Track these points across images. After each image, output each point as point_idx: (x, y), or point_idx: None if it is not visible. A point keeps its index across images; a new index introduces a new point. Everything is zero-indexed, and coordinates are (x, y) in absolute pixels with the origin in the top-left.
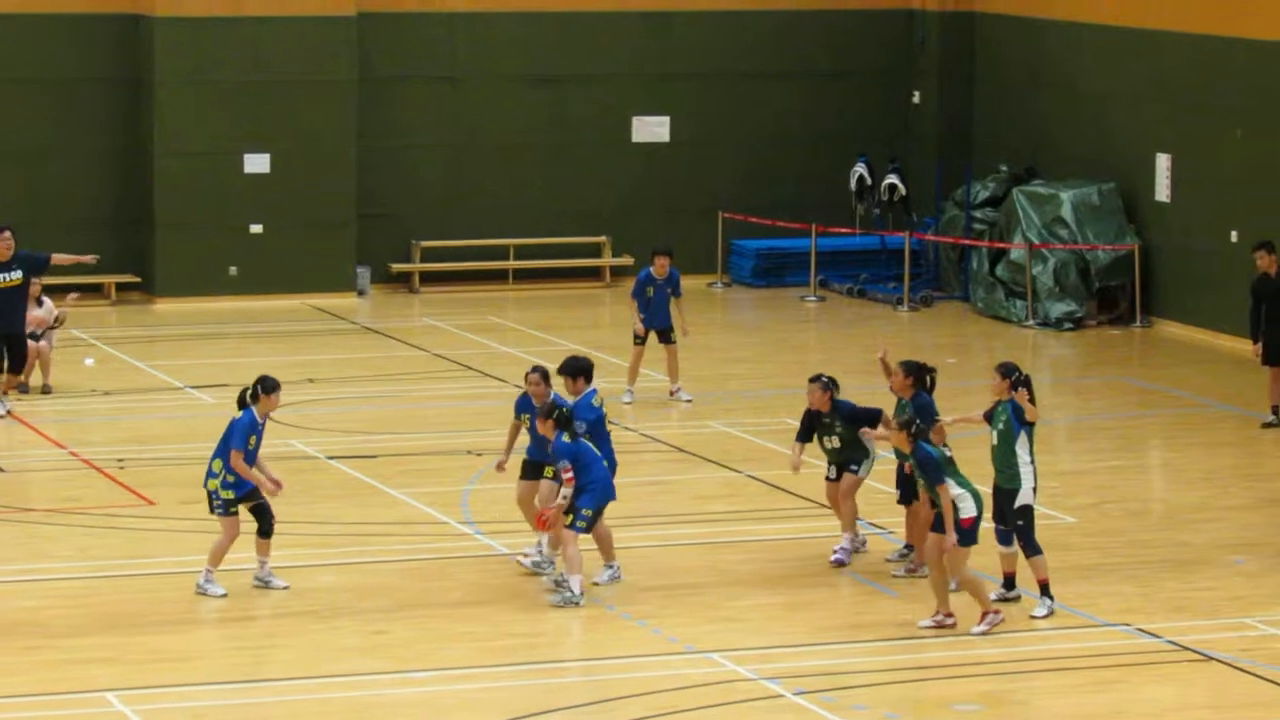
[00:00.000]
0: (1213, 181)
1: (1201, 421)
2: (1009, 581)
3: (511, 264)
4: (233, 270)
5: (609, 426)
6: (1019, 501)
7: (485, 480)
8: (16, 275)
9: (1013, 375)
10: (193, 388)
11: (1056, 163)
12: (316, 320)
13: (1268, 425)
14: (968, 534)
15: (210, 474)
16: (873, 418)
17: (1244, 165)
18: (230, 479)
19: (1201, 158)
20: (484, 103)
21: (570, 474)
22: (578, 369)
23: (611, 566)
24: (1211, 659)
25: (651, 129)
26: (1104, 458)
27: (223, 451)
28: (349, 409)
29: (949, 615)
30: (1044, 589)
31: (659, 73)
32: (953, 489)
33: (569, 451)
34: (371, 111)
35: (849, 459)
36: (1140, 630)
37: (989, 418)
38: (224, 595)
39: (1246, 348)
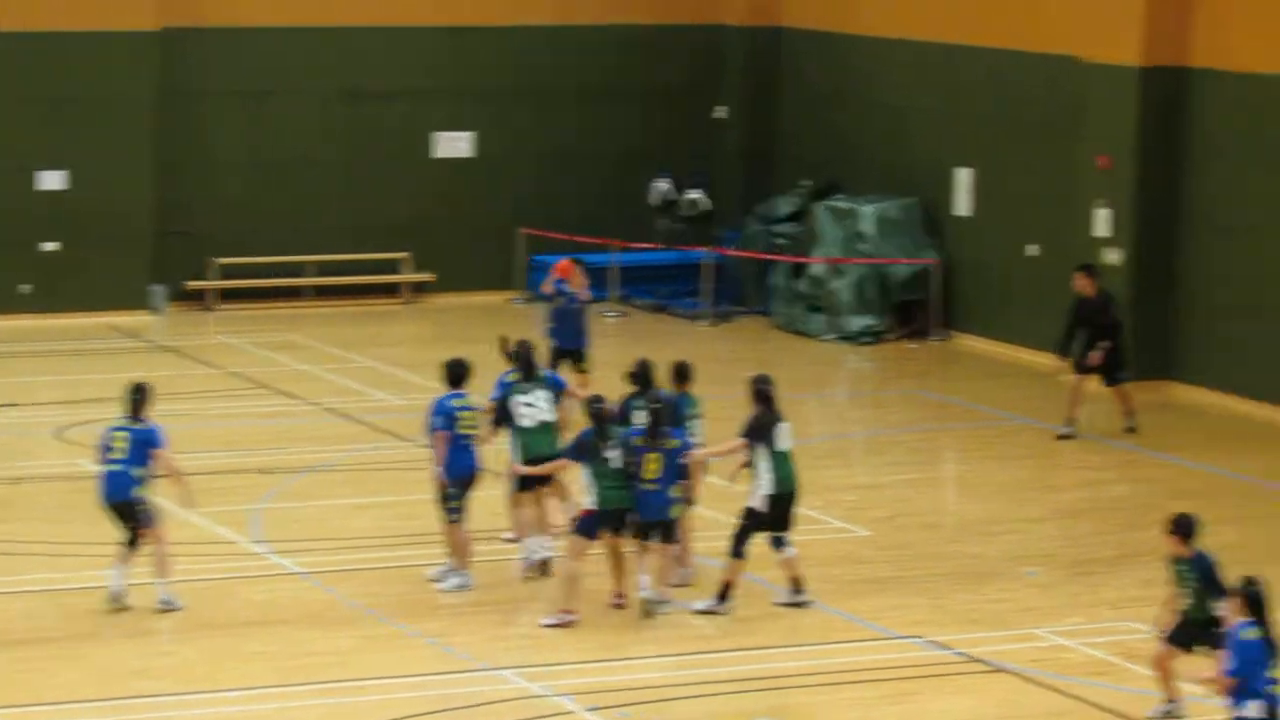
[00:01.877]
0: (1011, 196)
1: (997, 435)
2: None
3: (311, 281)
4: (24, 288)
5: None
6: (747, 503)
7: (278, 499)
8: None
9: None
10: None
11: (858, 177)
12: (111, 339)
13: (1063, 437)
14: (583, 524)
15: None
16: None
17: (1042, 179)
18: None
19: (1001, 172)
20: (285, 118)
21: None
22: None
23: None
24: (1002, 670)
25: (453, 144)
26: (900, 471)
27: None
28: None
29: (571, 613)
30: (722, 591)
31: (462, 88)
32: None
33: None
34: (173, 127)
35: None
36: (932, 642)
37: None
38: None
39: (1043, 361)
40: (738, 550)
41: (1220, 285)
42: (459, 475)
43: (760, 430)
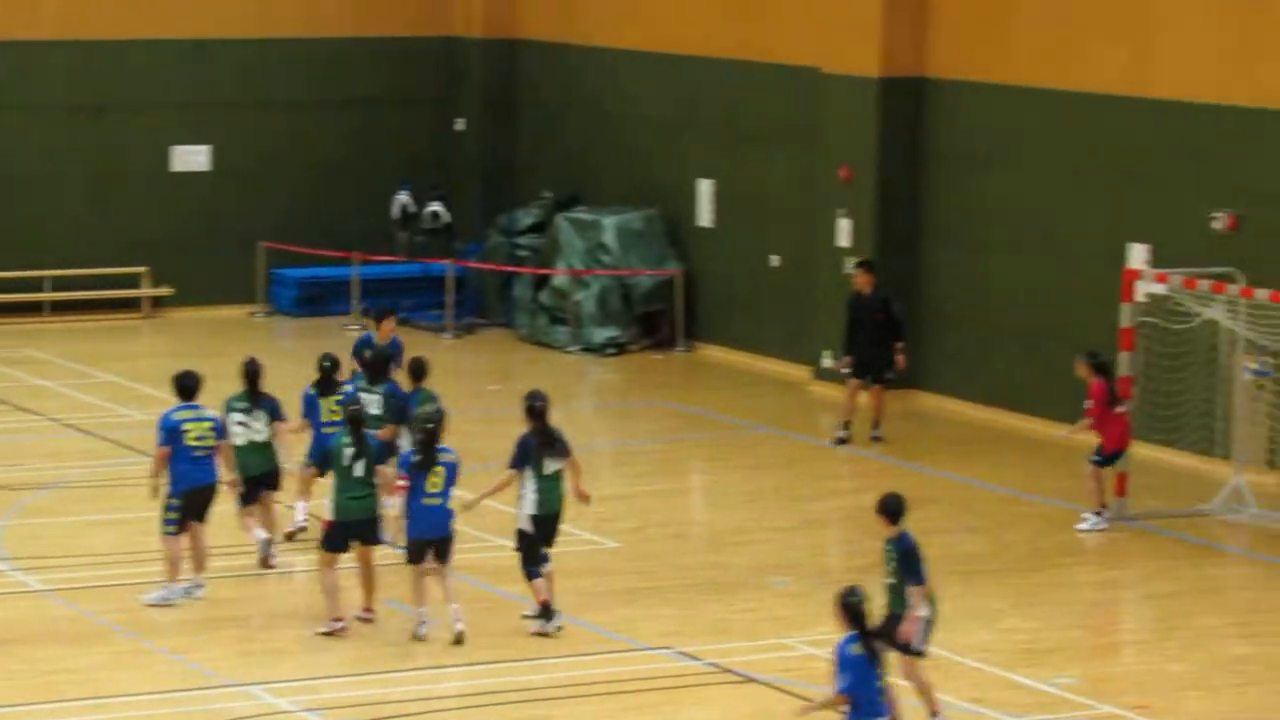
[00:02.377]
0: (753, 206)
1: (743, 444)
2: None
3: (49, 295)
4: None
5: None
6: (516, 526)
7: (19, 516)
8: None
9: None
10: None
11: (600, 189)
12: None
13: (841, 441)
14: (326, 537)
15: None
16: None
17: (783, 190)
18: None
19: (742, 183)
20: (21, 131)
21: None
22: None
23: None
24: (752, 680)
25: (191, 158)
26: (647, 482)
27: None
28: None
29: (340, 620)
30: (543, 611)
31: (200, 102)
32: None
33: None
34: None
35: None
36: (681, 653)
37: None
38: None
39: (786, 370)
40: (531, 572)
41: (958, 294)
42: (184, 489)
43: (525, 453)
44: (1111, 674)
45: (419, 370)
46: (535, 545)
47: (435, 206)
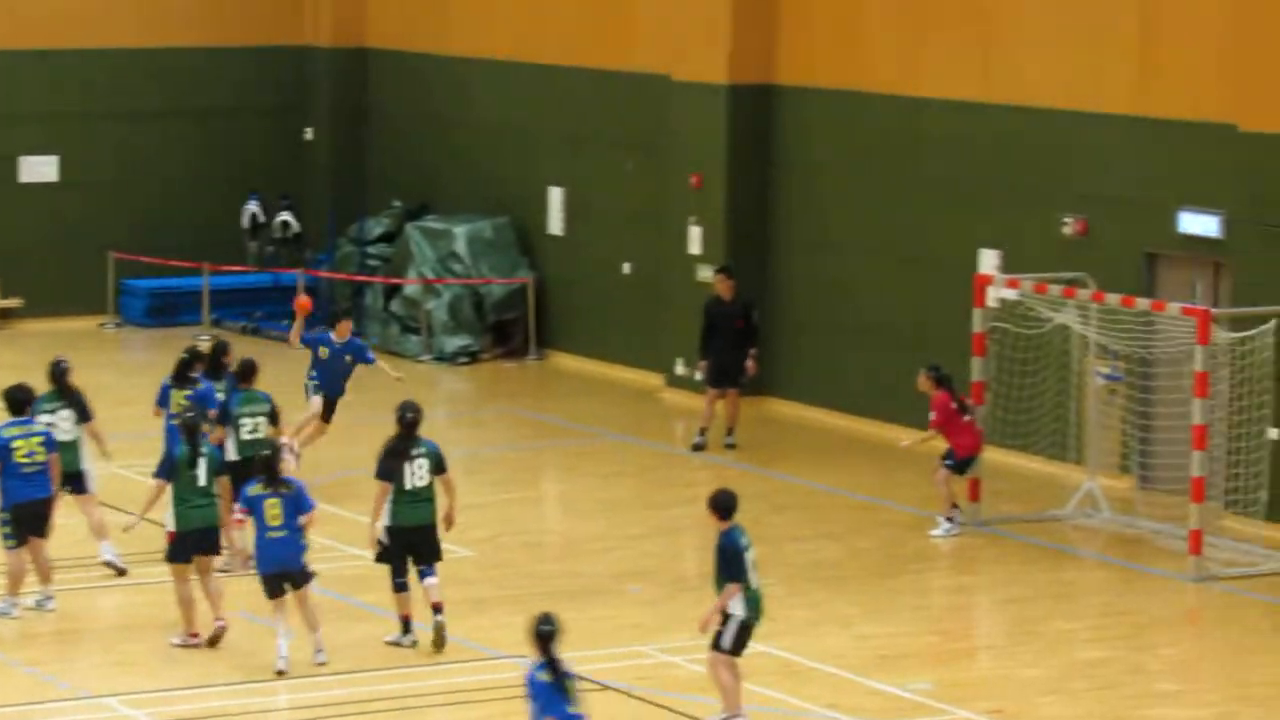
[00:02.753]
0: (605, 214)
1: (597, 452)
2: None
3: None
4: None
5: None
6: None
7: None
8: None
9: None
10: None
11: (451, 198)
12: None
13: (697, 447)
14: (170, 549)
15: None
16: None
17: (635, 198)
18: None
19: (594, 191)
20: None
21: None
22: None
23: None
24: (609, 688)
25: (38, 169)
26: (501, 490)
27: None
28: None
29: (195, 635)
30: (404, 625)
31: (48, 112)
32: None
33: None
34: None
35: None
36: None
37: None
38: None
39: (639, 378)
40: (394, 584)
41: (810, 301)
42: (14, 503)
43: (385, 463)
44: (967, 679)
45: (246, 371)
46: (394, 558)
47: (285, 216)
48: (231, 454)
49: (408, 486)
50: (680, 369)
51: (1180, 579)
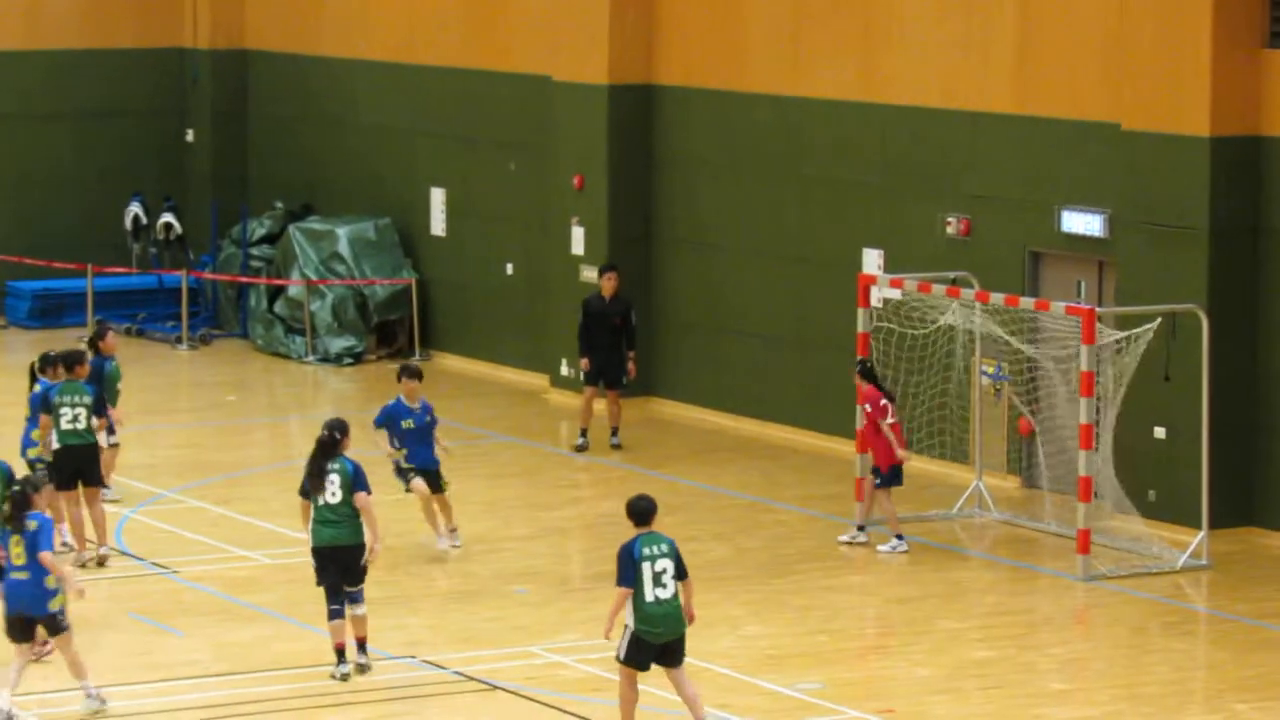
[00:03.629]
0: (487, 215)
1: (483, 453)
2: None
3: None
4: None
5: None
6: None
7: None
8: None
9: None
10: None
11: (332, 199)
12: None
13: (580, 448)
14: None
15: None
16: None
17: (517, 198)
18: None
19: (476, 191)
20: None
21: None
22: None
23: None
24: (497, 688)
25: None
26: (386, 491)
27: None
28: None
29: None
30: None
31: None
32: None
33: None
34: None
35: None
36: (427, 661)
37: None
38: None
39: (524, 379)
40: (329, 610)
41: (692, 300)
42: None
43: (303, 482)
44: (856, 679)
45: (71, 360)
46: (321, 579)
47: (167, 218)
48: (54, 443)
49: (320, 500)
50: (565, 370)
51: (1069, 578)
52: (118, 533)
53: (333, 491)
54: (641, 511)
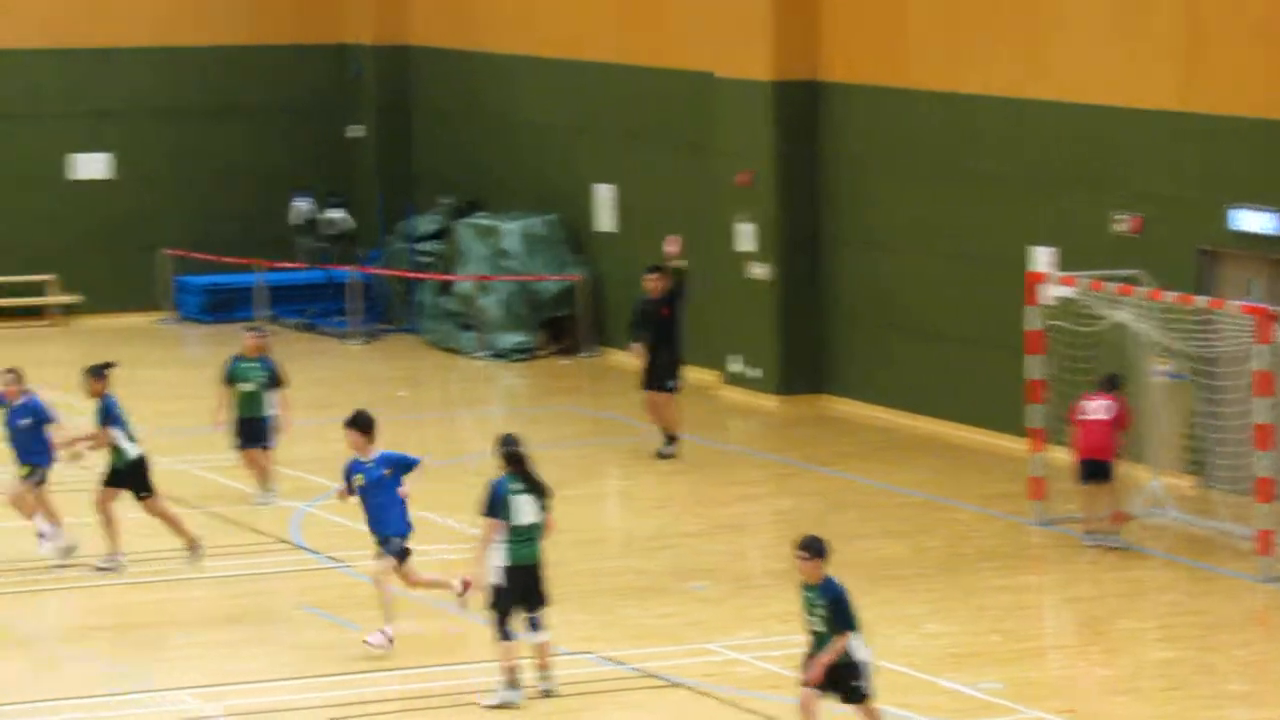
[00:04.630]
0: (654, 211)
1: (654, 449)
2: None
3: None
4: None
5: None
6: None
7: None
8: None
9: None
10: None
11: (499, 194)
12: None
13: (664, 456)
14: None
15: None
16: None
17: (684, 195)
18: None
19: (642, 188)
20: None
21: None
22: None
23: None
24: (677, 685)
25: (91, 166)
26: (559, 487)
27: None
28: None
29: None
30: (510, 680)
31: (99, 110)
32: None
33: None
34: None
35: None
36: (604, 658)
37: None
38: None
39: (692, 375)
40: (502, 634)
41: (863, 298)
42: None
43: (494, 500)
44: (1036, 679)
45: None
46: (509, 603)
47: (335, 213)
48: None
49: (518, 521)
50: (735, 366)
51: (1249, 579)
52: (295, 526)
53: (528, 511)
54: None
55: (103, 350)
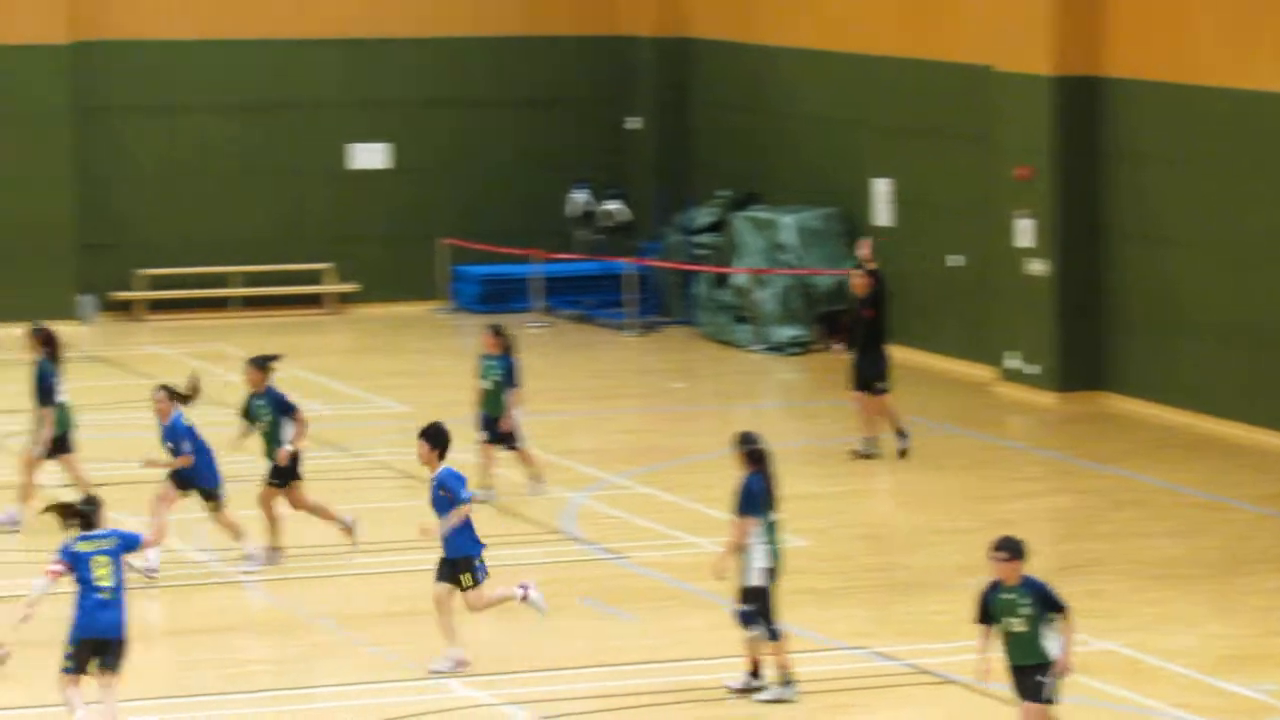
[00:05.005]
0: (932, 206)
1: (930, 445)
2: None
3: (238, 291)
4: None
5: None
6: (745, 583)
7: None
8: None
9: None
10: None
11: (776, 187)
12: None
13: (864, 456)
14: None
15: None
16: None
17: (962, 189)
18: None
19: (920, 182)
20: (201, 130)
21: None
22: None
23: None
24: (950, 681)
25: (369, 156)
26: (835, 482)
27: None
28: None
29: None
30: (784, 678)
31: (376, 100)
32: None
33: None
34: (92, 139)
35: None
36: (878, 653)
37: None
38: None
39: (969, 371)
40: (771, 633)
41: (1144, 294)
42: None
43: (754, 499)
44: None
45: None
46: (770, 600)
47: (612, 204)
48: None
49: (773, 517)
50: (1012, 362)
51: None
52: (571, 518)
53: (776, 509)
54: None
55: (377, 339)
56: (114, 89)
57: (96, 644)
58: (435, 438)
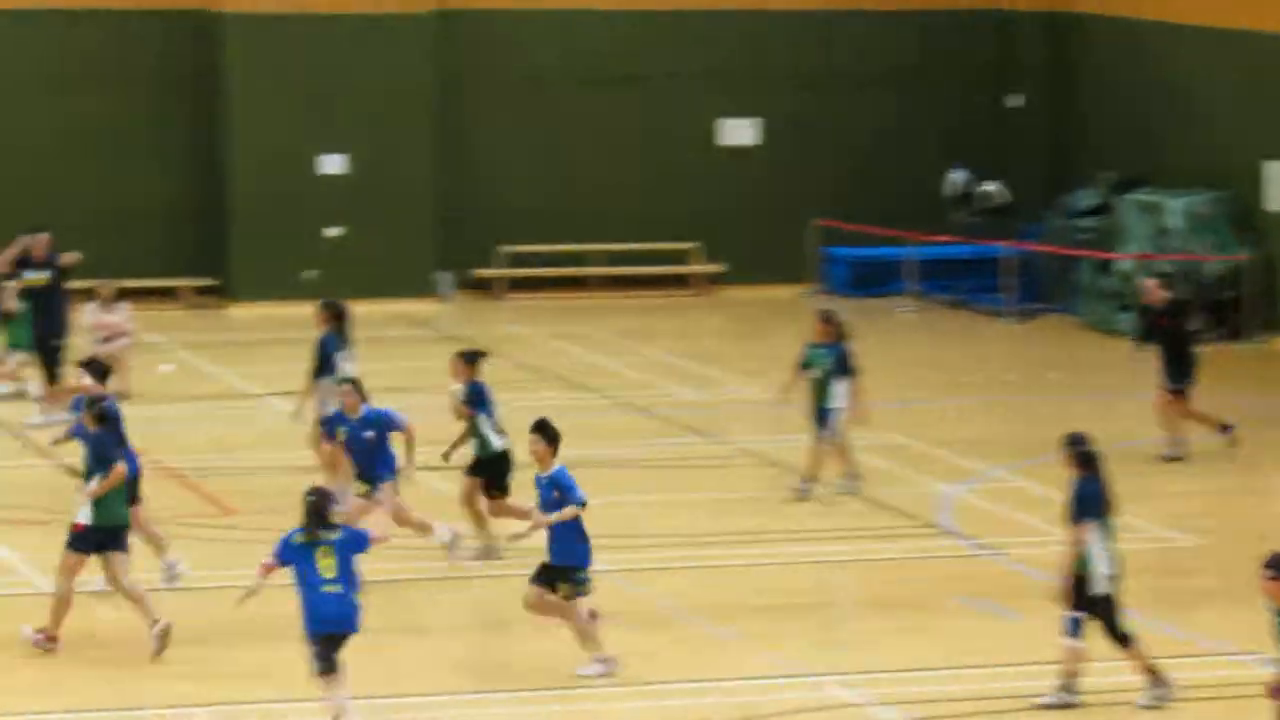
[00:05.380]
0: None
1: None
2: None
3: (599, 270)
4: (310, 274)
5: None
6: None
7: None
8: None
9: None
10: (271, 394)
11: (1161, 169)
12: (395, 326)
13: (1172, 459)
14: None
15: None
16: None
17: None
18: None
19: None
20: (566, 104)
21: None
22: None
23: None
24: None
25: (738, 132)
26: (1224, 478)
27: None
28: (423, 418)
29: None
30: (1153, 679)
31: (745, 74)
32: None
33: None
34: (456, 111)
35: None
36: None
37: None
38: None
39: None
40: (1122, 640)
41: None
42: None
43: (1091, 503)
44: None
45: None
46: (1116, 606)
47: (991, 185)
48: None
49: (1112, 520)
50: None
51: None
52: (944, 510)
53: (1115, 512)
54: None
55: (744, 323)
56: (478, 60)
57: (332, 639)
58: (552, 434)
